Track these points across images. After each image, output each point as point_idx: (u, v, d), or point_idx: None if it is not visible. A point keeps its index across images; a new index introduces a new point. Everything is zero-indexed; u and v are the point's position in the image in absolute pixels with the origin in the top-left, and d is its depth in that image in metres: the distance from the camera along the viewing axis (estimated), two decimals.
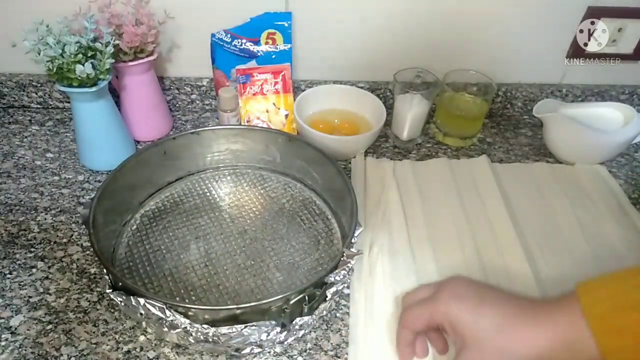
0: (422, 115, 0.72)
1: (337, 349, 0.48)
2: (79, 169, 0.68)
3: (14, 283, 0.52)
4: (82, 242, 0.57)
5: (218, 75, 0.74)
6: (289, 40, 0.73)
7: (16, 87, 0.77)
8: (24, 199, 0.62)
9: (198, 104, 0.80)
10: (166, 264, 0.54)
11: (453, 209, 0.62)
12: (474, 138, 0.76)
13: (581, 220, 0.62)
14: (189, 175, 0.65)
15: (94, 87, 0.59)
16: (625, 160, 0.75)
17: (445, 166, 0.69)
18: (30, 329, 0.48)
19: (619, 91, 0.82)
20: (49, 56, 0.57)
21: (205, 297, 0.51)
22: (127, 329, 0.49)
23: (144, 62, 0.66)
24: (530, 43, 0.77)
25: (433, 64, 0.74)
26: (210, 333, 0.42)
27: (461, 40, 0.76)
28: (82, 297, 0.51)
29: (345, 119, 0.74)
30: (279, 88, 0.72)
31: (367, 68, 0.79)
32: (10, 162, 0.68)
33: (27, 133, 0.74)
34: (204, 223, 0.59)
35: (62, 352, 0.46)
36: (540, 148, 0.76)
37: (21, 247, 0.56)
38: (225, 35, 0.71)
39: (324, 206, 0.62)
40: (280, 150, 0.64)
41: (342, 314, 0.51)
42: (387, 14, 0.73)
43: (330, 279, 0.46)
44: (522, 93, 0.81)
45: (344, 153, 0.70)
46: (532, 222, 0.62)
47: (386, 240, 0.57)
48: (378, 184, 0.65)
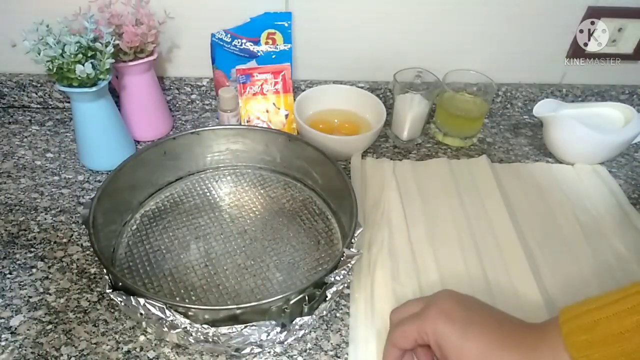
0: (422, 115, 0.72)
1: (337, 349, 0.48)
2: (79, 169, 0.68)
3: (14, 283, 0.52)
4: (82, 242, 0.57)
5: (218, 75, 0.74)
6: (289, 40, 0.73)
7: (16, 87, 0.77)
8: (24, 199, 0.62)
9: (198, 104, 0.80)
10: (166, 264, 0.54)
11: (453, 209, 0.62)
12: (474, 138, 0.76)
13: (581, 220, 0.62)
14: (189, 175, 0.65)
15: (94, 87, 0.59)
16: (625, 160, 0.75)
17: (445, 166, 0.69)
18: (30, 329, 0.48)
19: (619, 91, 0.82)
20: (49, 56, 0.57)
21: (205, 297, 0.51)
22: (127, 329, 0.48)
23: (144, 62, 0.66)
24: (530, 43, 0.77)
25: (433, 64, 0.74)
26: (210, 333, 0.42)
27: (461, 40, 0.76)
28: (82, 297, 0.51)
29: (345, 119, 0.74)
30: (279, 88, 0.72)
31: (367, 68, 0.79)
32: (10, 162, 0.68)
33: (27, 133, 0.74)
34: (204, 223, 0.59)
35: (62, 352, 0.46)
36: (540, 148, 0.76)
37: (21, 247, 0.56)
38: (225, 35, 0.71)
39: (324, 206, 0.62)
40: (280, 150, 0.64)
41: (342, 314, 0.51)
42: (387, 13, 0.73)
43: (330, 279, 0.46)
44: (522, 93, 0.81)
45: (344, 153, 0.70)
46: (532, 222, 0.62)
47: (386, 240, 0.57)
48: (377, 184, 0.65)
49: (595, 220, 0.63)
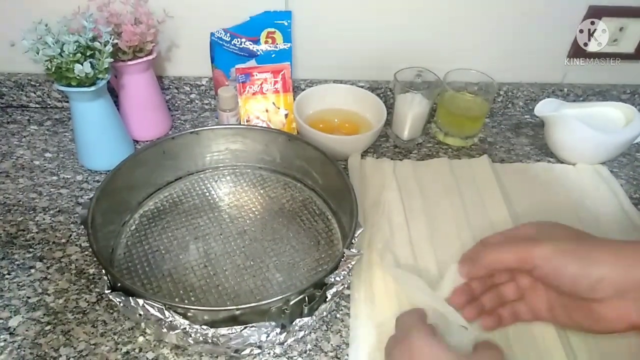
0: (422, 115, 0.72)
1: (337, 350, 0.48)
2: (77, 168, 0.67)
3: (13, 283, 0.52)
4: (80, 243, 0.57)
5: (217, 74, 0.74)
6: (288, 39, 0.73)
7: (15, 87, 0.76)
8: (22, 199, 0.62)
9: (197, 103, 0.80)
10: (165, 265, 0.54)
11: (454, 209, 0.62)
12: (475, 138, 0.76)
13: (582, 220, 0.62)
14: (188, 175, 0.65)
15: (93, 87, 0.59)
16: (626, 160, 0.74)
17: (445, 166, 0.69)
18: (28, 329, 0.48)
19: (621, 91, 0.82)
20: (48, 55, 0.57)
21: (205, 297, 0.51)
22: (126, 330, 0.48)
23: (143, 61, 0.65)
24: (531, 42, 0.77)
25: (434, 63, 0.74)
26: (210, 334, 0.42)
27: (462, 40, 0.76)
28: (81, 298, 0.51)
29: (346, 118, 0.74)
30: (279, 87, 0.72)
31: (367, 67, 0.78)
32: (9, 162, 0.68)
33: (25, 133, 0.73)
34: (203, 223, 0.59)
35: (61, 353, 0.46)
36: (541, 148, 0.76)
37: (20, 247, 0.56)
38: (225, 34, 0.71)
39: (324, 206, 0.62)
40: (280, 150, 0.64)
41: (342, 314, 0.51)
42: (388, 12, 0.73)
43: (330, 279, 0.45)
44: (523, 92, 0.81)
45: (344, 153, 0.69)
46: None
47: (386, 240, 0.57)
48: (378, 184, 0.65)
49: (597, 220, 0.62)
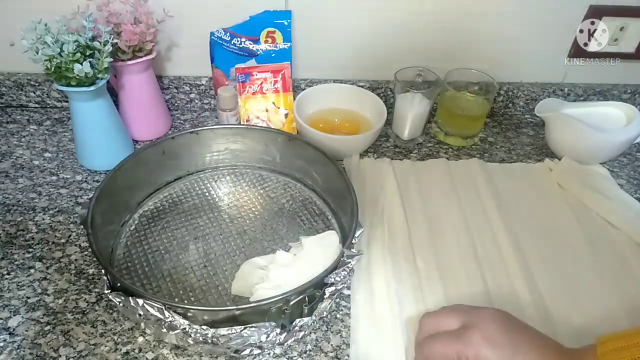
0: (423, 115, 0.72)
1: (337, 350, 0.47)
2: (77, 168, 0.67)
3: (12, 284, 0.52)
4: (80, 243, 0.57)
5: (217, 74, 0.74)
6: (288, 38, 0.73)
7: (14, 87, 0.76)
8: (22, 199, 0.62)
9: (197, 103, 0.80)
10: (165, 265, 0.54)
11: (453, 209, 0.62)
12: (476, 137, 0.76)
13: (582, 220, 0.62)
14: (188, 175, 0.65)
15: (92, 87, 0.59)
16: (627, 160, 0.74)
17: (443, 166, 0.69)
18: (28, 329, 0.48)
19: (621, 90, 0.82)
20: (47, 55, 0.56)
21: (205, 297, 0.51)
22: (126, 330, 0.48)
23: (143, 61, 0.65)
24: (532, 42, 0.77)
25: (434, 62, 0.73)
26: (210, 334, 0.42)
27: (462, 39, 0.76)
28: (81, 298, 0.51)
29: (346, 118, 0.74)
30: (279, 87, 0.71)
31: (367, 67, 0.78)
32: (8, 162, 0.68)
33: (25, 133, 0.73)
34: (203, 223, 0.59)
35: (61, 353, 0.46)
36: (542, 148, 0.75)
37: (19, 247, 0.56)
38: (225, 33, 0.71)
39: (324, 206, 0.62)
40: (280, 149, 0.64)
41: (342, 315, 0.51)
42: (388, 12, 0.72)
43: (330, 279, 0.45)
44: (524, 92, 0.81)
45: (345, 152, 0.69)
46: (532, 222, 0.61)
47: (386, 240, 0.57)
48: (377, 184, 0.65)
49: (597, 220, 0.62)
